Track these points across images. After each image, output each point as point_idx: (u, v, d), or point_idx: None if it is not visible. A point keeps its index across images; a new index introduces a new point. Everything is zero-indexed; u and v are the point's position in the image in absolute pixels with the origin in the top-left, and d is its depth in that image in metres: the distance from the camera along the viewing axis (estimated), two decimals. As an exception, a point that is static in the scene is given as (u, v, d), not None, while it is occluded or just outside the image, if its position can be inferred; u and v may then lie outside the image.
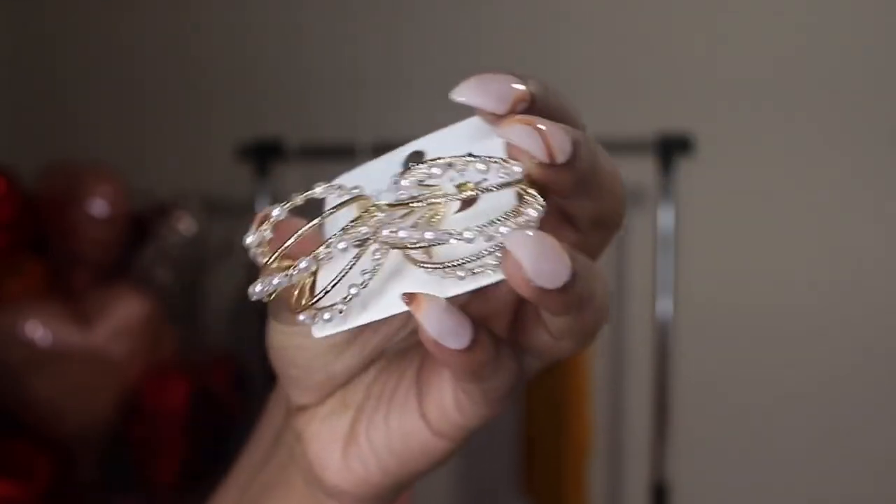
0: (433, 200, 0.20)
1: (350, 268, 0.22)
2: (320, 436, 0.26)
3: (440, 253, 0.20)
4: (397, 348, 0.27)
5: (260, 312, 1.12)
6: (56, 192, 1.14)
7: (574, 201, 0.21)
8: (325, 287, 0.22)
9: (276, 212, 0.23)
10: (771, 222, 1.23)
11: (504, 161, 0.19)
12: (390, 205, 0.21)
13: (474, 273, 0.20)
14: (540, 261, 0.18)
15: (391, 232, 0.20)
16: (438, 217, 0.21)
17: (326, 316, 0.22)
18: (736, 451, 1.26)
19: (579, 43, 1.27)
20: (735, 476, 1.26)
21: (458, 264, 0.19)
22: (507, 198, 0.20)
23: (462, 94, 0.20)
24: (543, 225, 0.19)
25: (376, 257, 0.22)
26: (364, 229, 0.21)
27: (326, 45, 1.37)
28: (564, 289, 0.18)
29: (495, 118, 0.20)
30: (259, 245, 0.24)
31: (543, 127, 0.19)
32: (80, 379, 1.05)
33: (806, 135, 1.21)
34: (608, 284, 0.21)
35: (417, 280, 0.21)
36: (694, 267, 1.19)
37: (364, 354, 0.26)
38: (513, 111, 0.20)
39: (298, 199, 0.24)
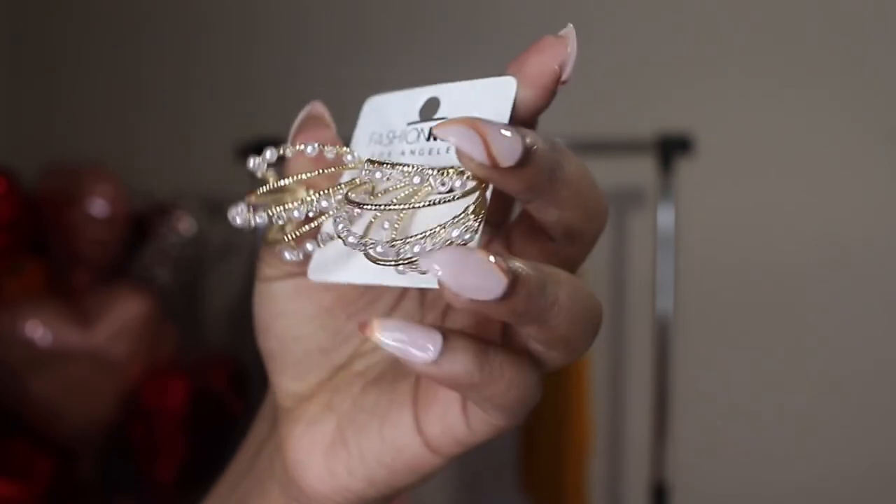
0: (390, 206, 0.21)
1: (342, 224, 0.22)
2: (302, 439, 0.26)
3: (408, 230, 0.21)
4: (384, 363, 0.27)
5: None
6: (56, 192, 1.14)
7: (536, 209, 0.21)
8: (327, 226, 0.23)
9: (269, 153, 0.24)
10: (771, 222, 1.23)
11: (459, 173, 0.20)
12: (350, 200, 0.21)
13: (420, 274, 0.20)
14: (462, 276, 0.18)
15: (345, 230, 0.21)
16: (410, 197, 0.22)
17: (309, 247, 0.23)
18: (736, 451, 1.26)
19: (579, 42, 1.27)
20: (735, 476, 1.27)
21: (404, 264, 0.20)
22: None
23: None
24: (514, 230, 0.21)
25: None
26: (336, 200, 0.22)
27: (326, 44, 1.37)
28: (504, 299, 0.18)
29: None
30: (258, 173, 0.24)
31: (486, 129, 0.19)
32: (80, 379, 1.05)
33: (806, 134, 1.21)
34: (586, 296, 0.20)
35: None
36: (694, 267, 1.19)
37: (338, 333, 0.27)
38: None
39: (308, 148, 0.24)
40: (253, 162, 0.24)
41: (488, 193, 0.20)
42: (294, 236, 0.23)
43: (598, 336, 0.22)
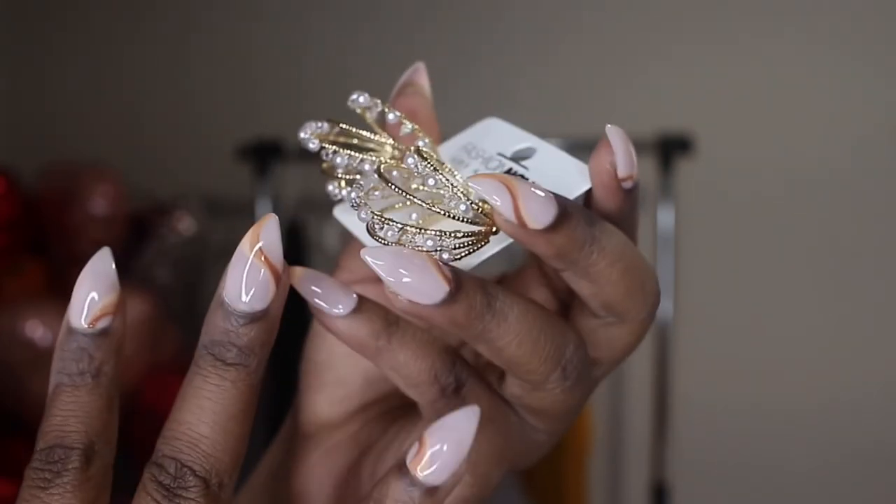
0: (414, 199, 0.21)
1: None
2: (315, 467, 0.25)
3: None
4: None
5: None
6: (56, 192, 1.14)
7: (569, 278, 0.20)
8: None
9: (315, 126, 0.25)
10: (770, 222, 1.23)
11: (479, 205, 0.20)
12: (382, 174, 0.22)
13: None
14: (402, 274, 0.19)
15: (354, 190, 0.22)
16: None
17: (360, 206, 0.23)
18: (736, 452, 1.26)
19: (579, 43, 1.27)
20: (735, 476, 1.26)
21: (378, 237, 0.21)
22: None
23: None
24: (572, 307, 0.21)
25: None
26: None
27: (326, 45, 1.37)
28: (443, 306, 0.19)
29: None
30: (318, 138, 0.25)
31: (516, 187, 0.19)
32: (80, 379, 1.05)
33: (806, 134, 1.21)
34: (549, 321, 0.20)
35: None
36: (694, 267, 1.19)
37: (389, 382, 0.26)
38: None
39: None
40: (360, 98, 0.25)
41: (492, 238, 0.20)
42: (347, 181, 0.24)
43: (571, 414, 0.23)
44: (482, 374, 0.24)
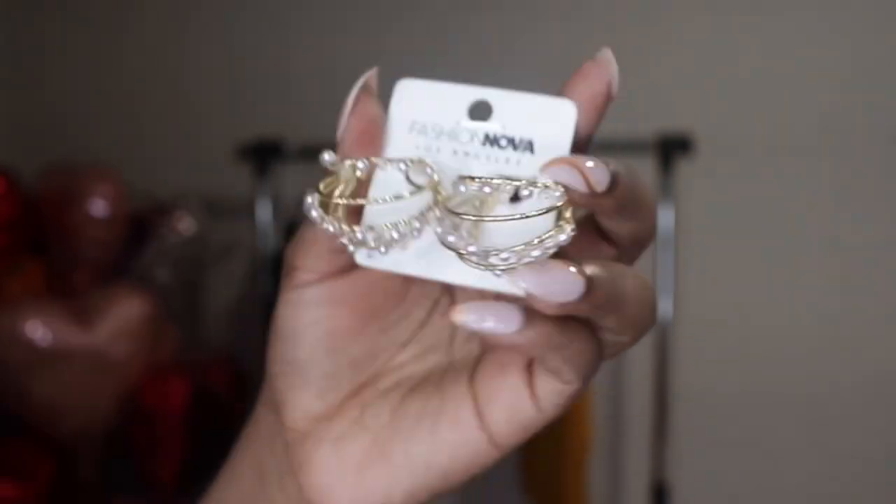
0: (482, 216, 0.23)
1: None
2: (329, 460, 0.25)
3: (484, 235, 0.23)
4: (417, 375, 0.26)
5: (260, 313, 1.11)
6: (56, 192, 1.14)
7: (618, 224, 0.24)
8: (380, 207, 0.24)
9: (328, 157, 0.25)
10: (770, 222, 1.23)
11: (546, 186, 0.22)
12: (450, 210, 0.23)
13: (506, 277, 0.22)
14: (548, 285, 0.21)
15: (442, 232, 0.22)
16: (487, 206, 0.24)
17: (370, 239, 0.23)
18: (736, 451, 1.26)
19: (579, 43, 1.27)
20: (735, 476, 1.27)
21: (494, 266, 0.22)
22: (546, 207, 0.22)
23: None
24: (581, 242, 0.23)
25: (419, 227, 0.23)
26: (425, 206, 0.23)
27: (326, 44, 1.37)
28: (585, 296, 0.21)
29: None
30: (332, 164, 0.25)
31: (584, 163, 0.22)
32: (80, 379, 1.05)
33: (806, 135, 1.21)
34: (646, 284, 0.23)
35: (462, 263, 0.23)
36: (694, 267, 1.19)
37: (371, 347, 0.26)
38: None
39: (379, 162, 0.24)
40: (327, 157, 0.25)
41: (568, 213, 0.22)
42: (344, 219, 0.24)
43: (649, 329, 0.24)
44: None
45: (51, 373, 1.03)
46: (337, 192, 0.24)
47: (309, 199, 0.24)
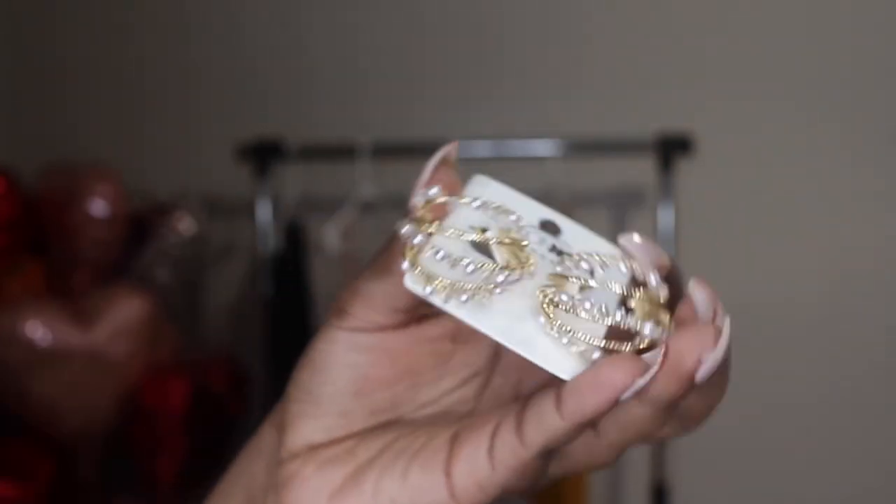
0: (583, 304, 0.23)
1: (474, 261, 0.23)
2: (310, 480, 0.25)
3: (562, 319, 0.23)
4: (423, 415, 0.27)
5: (260, 313, 1.10)
6: (56, 192, 1.14)
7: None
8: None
9: (434, 191, 0.24)
10: (770, 222, 1.23)
11: (638, 266, 0.23)
12: (553, 275, 0.23)
13: (584, 356, 0.22)
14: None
15: (553, 291, 0.22)
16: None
17: (454, 297, 0.23)
18: (736, 452, 1.26)
19: (579, 43, 1.27)
20: (735, 476, 1.27)
21: (579, 341, 0.22)
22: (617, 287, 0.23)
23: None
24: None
25: (513, 278, 0.23)
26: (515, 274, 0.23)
27: (327, 44, 1.37)
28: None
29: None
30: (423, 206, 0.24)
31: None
32: (80, 379, 1.05)
33: (806, 134, 1.21)
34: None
35: (536, 331, 0.23)
36: (694, 267, 1.19)
37: (395, 400, 0.26)
38: None
39: (455, 199, 0.24)
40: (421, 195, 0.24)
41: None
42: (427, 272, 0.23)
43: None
44: None
45: (51, 373, 1.03)
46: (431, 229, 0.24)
47: (407, 229, 0.23)
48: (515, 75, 1.29)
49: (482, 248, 0.23)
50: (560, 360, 0.22)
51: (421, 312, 0.25)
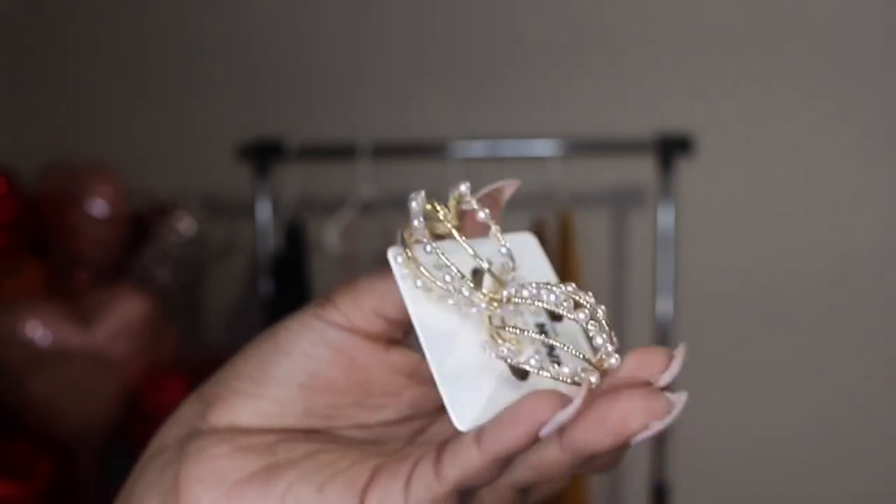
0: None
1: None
2: (220, 461, 0.24)
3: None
4: (353, 436, 0.26)
5: (260, 312, 1.10)
6: (56, 192, 1.14)
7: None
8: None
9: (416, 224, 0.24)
10: (770, 222, 1.23)
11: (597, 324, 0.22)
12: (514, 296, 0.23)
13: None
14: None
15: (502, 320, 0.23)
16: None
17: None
18: (736, 451, 1.26)
19: (579, 43, 1.27)
20: (735, 476, 1.27)
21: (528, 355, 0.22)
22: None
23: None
24: None
25: (479, 302, 0.23)
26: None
27: (327, 44, 1.37)
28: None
29: None
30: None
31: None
32: (80, 379, 1.05)
33: (806, 134, 1.21)
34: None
35: (473, 358, 0.23)
36: (694, 266, 1.19)
37: (338, 408, 0.26)
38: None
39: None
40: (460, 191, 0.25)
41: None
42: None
43: None
44: None
45: (51, 373, 1.03)
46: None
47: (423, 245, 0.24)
48: (515, 75, 1.29)
49: (476, 276, 0.23)
50: (468, 407, 0.22)
51: (395, 336, 0.25)
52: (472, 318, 0.24)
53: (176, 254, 1.20)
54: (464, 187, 0.24)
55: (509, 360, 0.22)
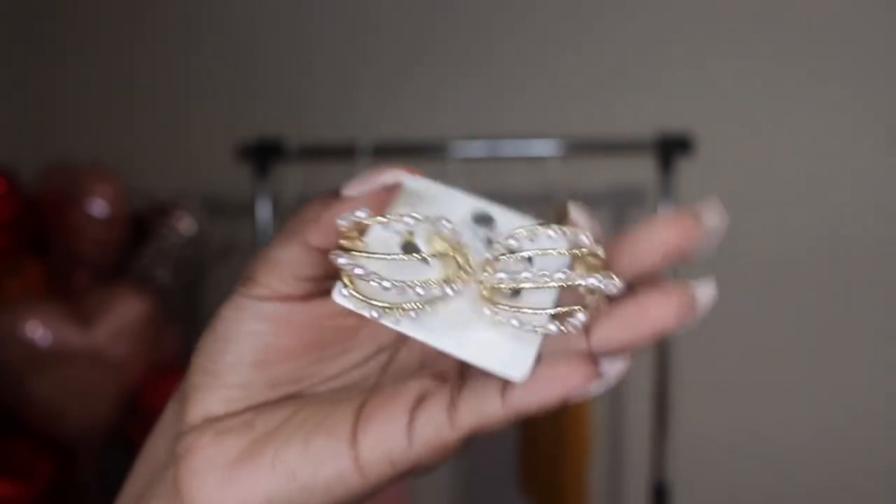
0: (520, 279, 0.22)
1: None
2: (207, 450, 0.24)
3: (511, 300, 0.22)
4: (325, 389, 0.26)
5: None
6: (56, 192, 1.14)
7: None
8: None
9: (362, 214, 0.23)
10: (770, 221, 1.23)
11: (570, 230, 0.22)
12: (486, 262, 0.23)
13: (536, 331, 0.22)
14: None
15: (488, 277, 0.22)
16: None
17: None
18: (736, 451, 1.26)
19: (579, 43, 1.27)
20: (735, 476, 1.27)
21: (528, 320, 0.22)
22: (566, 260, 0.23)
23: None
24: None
25: (455, 288, 0.22)
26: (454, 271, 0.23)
27: (327, 44, 1.37)
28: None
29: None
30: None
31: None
32: (80, 379, 1.05)
33: (806, 134, 1.21)
34: None
35: (486, 329, 0.22)
36: (693, 266, 1.19)
37: (297, 373, 0.26)
38: None
39: (392, 219, 0.23)
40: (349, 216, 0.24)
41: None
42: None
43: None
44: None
45: (51, 373, 1.03)
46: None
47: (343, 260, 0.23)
48: (515, 75, 1.29)
49: (422, 258, 0.23)
50: (516, 362, 0.22)
51: (326, 287, 0.25)
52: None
53: (176, 254, 1.20)
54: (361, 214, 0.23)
55: (514, 323, 0.22)
